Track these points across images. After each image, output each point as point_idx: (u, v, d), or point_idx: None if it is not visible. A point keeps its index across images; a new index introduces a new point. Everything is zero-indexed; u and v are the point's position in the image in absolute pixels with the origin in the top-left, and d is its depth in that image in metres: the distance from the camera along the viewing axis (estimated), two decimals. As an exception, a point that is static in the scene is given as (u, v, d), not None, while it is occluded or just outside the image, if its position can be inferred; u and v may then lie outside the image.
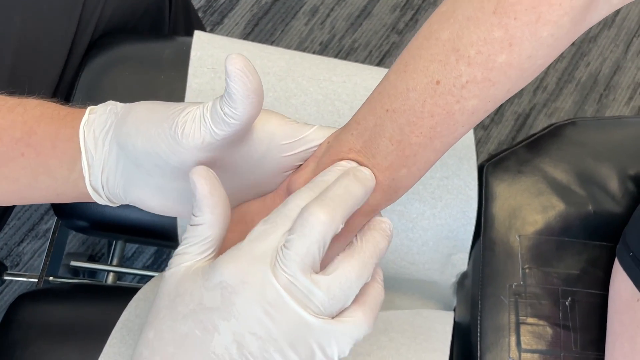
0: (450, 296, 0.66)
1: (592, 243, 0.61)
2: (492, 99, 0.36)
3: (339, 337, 0.34)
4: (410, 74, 0.36)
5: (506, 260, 0.60)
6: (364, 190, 0.37)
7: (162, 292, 0.36)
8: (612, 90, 1.41)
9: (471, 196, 0.61)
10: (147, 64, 0.66)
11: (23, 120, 0.41)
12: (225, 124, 0.35)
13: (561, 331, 0.57)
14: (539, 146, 0.65)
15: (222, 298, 0.33)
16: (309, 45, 1.44)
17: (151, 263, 1.26)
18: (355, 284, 0.34)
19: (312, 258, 0.33)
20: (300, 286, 0.33)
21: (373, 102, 0.38)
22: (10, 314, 0.58)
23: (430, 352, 0.56)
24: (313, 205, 0.34)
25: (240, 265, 0.34)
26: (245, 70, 0.34)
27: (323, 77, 0.64)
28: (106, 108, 0.41)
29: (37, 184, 0.41)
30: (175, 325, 0.34)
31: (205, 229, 0.36)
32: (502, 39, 0.34)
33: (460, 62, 0.35)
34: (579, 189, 0.62)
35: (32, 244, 1.29)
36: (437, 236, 0.61)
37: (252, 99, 0.35)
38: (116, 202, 0.43)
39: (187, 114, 0.36)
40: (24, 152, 0.40)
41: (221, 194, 0.36)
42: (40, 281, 0.73)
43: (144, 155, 0.38)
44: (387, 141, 0.37)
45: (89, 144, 0.40)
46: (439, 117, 0.36)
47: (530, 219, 0.61)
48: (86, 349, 0.55)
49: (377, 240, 0.37)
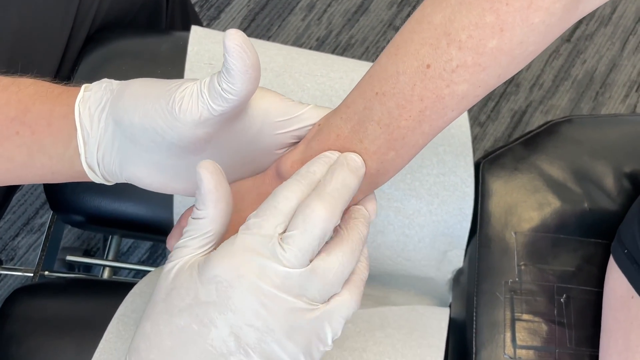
0: (445, 292, 0.66)
1: (588, 240, 0.61)
2: (482, 84, 0.36)
3: (331, 319, 0.35)
4: (401, 57, 0.36)
5: (502, 256, 0.60)
6: (358, 181, 0.37)
7: (160, 285, 0.36)
8: (608, 88, 1.41)
9: (467, 193, 0.61)
10: (144, 58, 0.66)
11: (17, 99, 0.40)
12: (222, 99, 0.35)
13: (556, 328, 0.57)
14: (535, 143, 0.65)
15: (217, 292, 0.34)
16: (305, 40, 1.44)
17: (147, 258, 1.26)
18: (346, 268, 0.35)
19: (312, 252, 0.34)
20: (297, 278, 0.34)
21: (363, 85, 0.38)
22: (6, 308, 0.58)
23: (426, 348, 0.56)
24: (314, 201, 0.35)
25: (234, 260, 0.34)
26: (243, 46, 0.34)
27: (320, 74, 0.64)
28: (101, 85, 0.41)
29: (32, 162, 0.41)
30: (172, 319, 0.35)
31: (207, 223, 0.36)
32: (493, 24, 0.34)
33: (451, 46, 0.35)
34: (575, 187, 0.63)
35: (27, 238, 1.28)
36: (433, 233, 0.61)
37: (250, 74, 0.35)
38: (111, 181, 0.42)
39: (185, 89, 0.36)
40: (19, 130, 0.40)
41: (226, 189, 0.36)
42: (35, 275, 0.73)
43: (140, 131, 0.38)
44: (375, 125, 0.37)
45: (84, 121, 0.40)
46: (429, 100, 0.36)
47: (526, 216, 0.61)
48: (82, 343, 0.55)
49: (360, 229, 0.38)
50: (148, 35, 0.70)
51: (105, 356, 0.53)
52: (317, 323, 0.34)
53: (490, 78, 0.36)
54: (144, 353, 0.35)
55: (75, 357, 0.54)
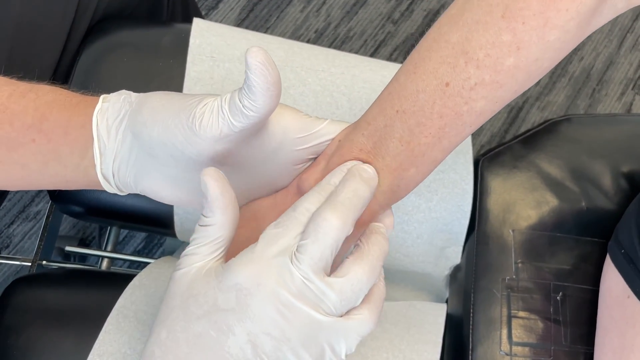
0: (442, 288, 0.67)
1: (584, 239, 0.62)
2: (499, 100, 0.37)
3: (347, 335, 0.35)
4: (420, 76, 0.37)
5: (499, 254, 0.61)
6: (370, 191, 0.38)
7: (174, 292, 0.36)
8: (605, 85, 1.42)
9: (467, 190, 0.61)
10: (145, 50, 0.66)
11: (35, 107, 0.41)
12: (243, 116, 0.36)
13: (552, 325, 0.58)
14: (534, 142, 0.65)
15: (236, 300, 0.34)
16: (304, 32, 1.44)
17: (142, 248, 1.26)
18: (365, 285, 0.36)
19: (325, 261, 0.35)
20: (313, 288, 0.34)
21: (383, 103, 0.39)
22: (5, 298, 0.58)
23: (423, 344, 0.56)
24: (325, 210, 0.35)
25: (254, 268, 0.34)
26: (265, 63, 0.34)
27: (322, 68, 0.64)
28: (120, 97, 0.41)
29: (47, 170, 0.41)
30: (189, 325, 0.35)
31: (216, 229, 0.36)
32: (510, 42, 0.35)
33: (469, 65, 0.35)
34: (573, 185, 0.63)
35: (22, 225, 1.28)
36: (431, 229, 0.62)
37: (272, 92, 0.35)
38: (125, 191, 0.43)
39: (205, 105, 0.36)
40: (35, 138, 0.40)
41: (231, 195, 0.36)
42: (33, 265, 0.73)
43: (159, 146, 0.38)
44: (397, 142, 0.38)
45: (101, 132, 0.40)
46: (448, 118, 0.37)
47: (524, 214, 0.62)
48: (81, 335, 0.55)
49: (382, 243, 0.38)
50: (149, 27, 0.69)
51: (104, 347, 0.53)
52: (333, 336, 0.35)
53: (507, 94, 0.37)
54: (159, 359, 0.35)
55: (74, 348, 0.55)
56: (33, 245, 1.28)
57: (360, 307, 0.36)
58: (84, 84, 0.65)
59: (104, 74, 0.65)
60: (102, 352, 0.53)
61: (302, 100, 0.63)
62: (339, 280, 0.34)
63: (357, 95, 0.63)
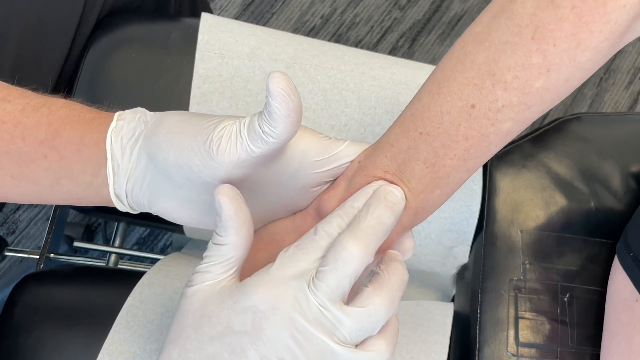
0: (449, 286, 0.67)
1: (593, 240, 0.62)
2: (526, 120, 0.36)
3: None
4: (444, 97, 0.36)
5: (507, 254, 0.61)
6: (394, 218, 0.37)
7: (186, 310, 0.36)
8: (612, 74, 1.41)
9: (475, 190, 0.61)
10: (153, 46, 0.66)
11: (48, 122, 0.40)
12: (263, 142, 0.35)
13: (559, 326, 0.58)
14: (544, 141, 0.65)
15: (252, 323, 0.34)
16: (309, 18, 1.43)
17: (147, 235, 1.27)
18: (384, 317, 0.35)
19: (343, 290, 0.34)
20: (329, 316, 0.34)
21: (406, 124, 0.38)
22: (14, 295, 0.59)
23: (431, 344, 0.57)
24: (347, 238, 0.34)
25: (270, 291, 0.34)
26: (287, 90, 0.34)
27: (331, 66, 0.64)
28: (135, 115, 0.40)
29: (58, 187, 0.41)
30: (202, 345, 0.35)
31: (230, 249, 0.36)
32: (540, 65, 0.34)
33: (497, 87, 0.35)
34: (582, 186, 0.63)
35: (28, 211, 1.29)
36: (440, 229, 0.62)
37: (293, 118, 0.34)
38: (137, 210, 0.42)
39: (223, 129, 0.36)
40: (47, 154, 0.40)
41: (246, 214, 0.36)
42: (41, 259, 0.74)
43: (175, 168, 0.37)
44: (421, 164, 0.37)
45: (115, 151, 0.39)
46: (474, 139, 0.36)
47: (533, 214, 0.62)
48: (91, 333, 0.56)
49: (402, 273, 0.37)
50: (157, 22, 0.69)
51: (114, 347, 0.54)
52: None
53: (535, 114, 0.36)
54: None
55: (85, 347, 0.55)
56: (39, 232, 1.28)
57: (377, 338, 0.35)
58: (92, 81, 0.64)
59: (112, 70, 0.64)
60: (111, 351, 0.53)
61: (311, 98, 0.63)
62: (357, 310, 0.34)
63: (366, 93, 0.63)
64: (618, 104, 1.38)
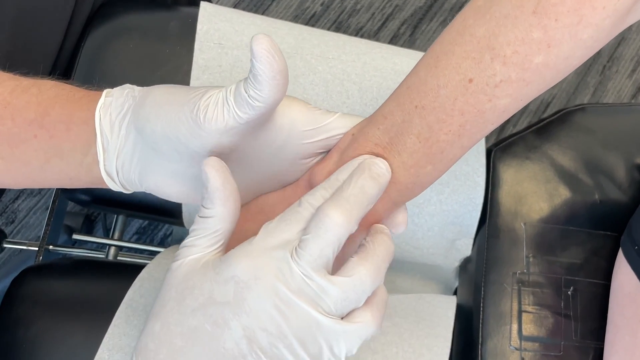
0: (452, 279, 0.67)
1: (597, 232, 0.61)
2: (524, 97, 0.35)
3: (348, 337, 0.34)
4: (442, 70, 0.35)
5: (510, 247, 0.60)
6: (378, 189, 0.36)
7: (169, 283, 0.36)
8: (616, 62, 1.40)
9: (478, 183, 0.61)
10: (152, 36, 0.65)
11: (37, 102, 0.39)
12: (249, 106, 0.35)
13: (562, 320, 0.57)
14: (548, 132, 0.64)
15: (234, 293, 0.33)
16: (310, 5, 1.41)
17: (146, 226, 1.26)
18: (369, 287, 0.35)
19: (326, 259, 0.34)
20: (313, 285, 0.33)
21: (401, 97, 0.37)
22: (13, 288, 0.58)
23: (433, 338, 0.56)
24: (328, 206, 0.34)
25: (253, 261, 0.33)
26: (271, 51, 0.33)
27: (332, 56, 0.63)
28: (123, 91, 0.40)
29: (49, 167, 0.40)
30: (184, 318, 0.34)
31: (216, 222, 0.35)
32: (540, 40, 0.33)
33: (495, 61, 0.34)
34: (586, 178, 0.62)
35: (27, 201, 1.28)
36: (442, 222, 0.61)
37: (278, 81, 0.34)
38: (130, 189, 0.42)
39: (209, 97, 0.35)
40: (37, 134, 0.39)
41: (233, 186, 0.35)
42: (40, 251, 0.73)
43: (163, 140, 0.37)
44: (414, 138, 0.37)
45: (104, 128, 0.39)
46: (470, 115, 0.35)
47: (536, 207, 0.61)
48: (91, 327, 0.55)
49: (387, 244, 0.37)
50: (155, 10, 0.68)
51: (114, 341, 0.53)
52: (333, 337, 0.34)
53: (533, 92, 0.35)
54: (152, 353, 0.35)
55: (84, 341, 0.55)
56: (38, 221, 1.28)
57: (363, 310, 0.35)
58: (90, 71, 0.63)
59: (109, 60, 0.63)
60: (111, 346, 0.53)
61: (312, 89, 0.62)
62: (342, 280, 0.34)
63: (368, 84, 0.62)
64: (621, 92, 1.37)
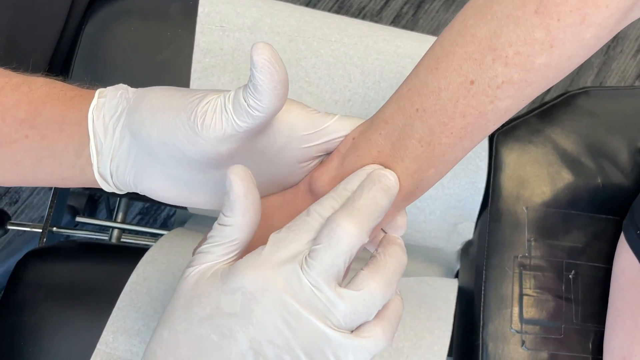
0: (454, 262, 0.67)
1: (599, 216, 0.61)
2: (526, 97, 0.35)
3: (357, 352, 0.34)
4: (443, 72, 0.35)
5: (512, 231, 0.60)
6: (388, 201, 0.36)
7: (179, 290, 0.36)
8: (620, 41, 1.38)
9: (481, 167, 0.61)
10: (153, 19, 0.64)
11: (28, 100, 0.39)
12: (248, 115, 0.34)
13: (563, 303, 0.58)
14: (551, 116, 0.64)
15: (241, 304, 0.33)
16: (312, -16, 1.40)
17: (146, 211, 1.26)
18: (379, 301, 0.34)
19: (337, 270, 0.33)
20: (322, 298, 0.33)
21: (402, 100, 0.37)
22: (17, 272, 0.59)
23: (435, 321, 0.56)
24: (341, 216, 0.33)
25: (260, 272, 0.33)
26: (272, 61, 0.32)
27: (334, 39, 0.63)
28: (117, 92, 0.39)
29: (41, 167, 0.40)
30: (191, 327, 0.34)
31: (234, 231, 0.35)
32: (543, 40, 0.33)
33: (497, 62, 0.33)
34: (589, 161, 0.62)
35: (30, 181, 1.28)
36: (444, 205, 0.61)
37: (279, 90, 0.33)
38: (124, 190, 0.41)
39: (207, 103, 0.35)
40: (29, 134, 0.38)
41: (255, 197, 0.35)
42: (44, 233, 0.73)
43: (159, 146, 0.36)
44: (416, 142, 0.36)
45: (98, 130, 0.38)
46: (471, 117, 0.35)
47: (538, 191, 0.61)
48: (94, 311, 0.56)
49: (400, 256, 0.36)
50: (156, -8, 0.67)
51: (118, 324, 0.54)
52: (341, 350, 0.33)
53: (535, 92, 0.35)
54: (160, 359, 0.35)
55: (88, 324, 0.55)
56: (42, 201, 1.28)
57: (374, 324, 0.34)
58: (90, 55, 0.63)
59: (110, 44, 0.63)
60: (115, 328, 0.54)
61: (314, 72, 0.61)
62: (351, 294, 0.33)
63: (370, 67, 0.62)
64: (625, 73, 1.36)
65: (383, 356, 0.53)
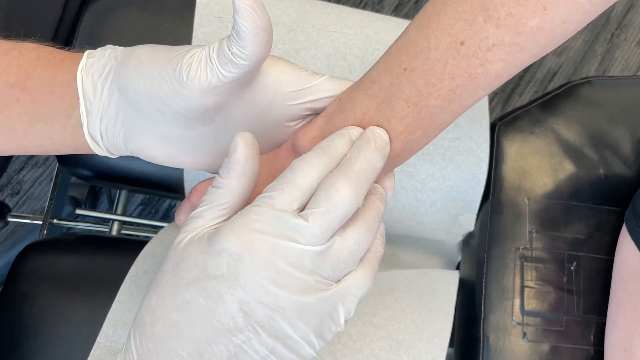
0: (455, 253, 0.67)
1: (601, 207, 0.61)
2: (517, 63, 0.34)
3: (344, 298, 0.34)
4: (433, 32, 0.34)
5: (514, 223, 0.60)
6: (383, 161, 0.36)
7: (169, 256, 0.35)
8: (624, 29, 1.37)
9: (482, 158, 0.60)
10: (151, 9, 0.64)
11: (18, 64, 0.39)
12: (233, 64, 0.34)
13: (565, 295, 0.57)
14: (553, 106, 0.63)
15: (227, 266, 0.33)
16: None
17: (147, 202, 1.26)
18: (362, 247, 0.35)
19: (332, 232, 0.33)
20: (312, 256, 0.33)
21: (390, 60, 0.36)
22: (18, 264, 0.59)
23: (436, 313, 0.56)
24: (340, 180, 0.33)
25: (246, 233, 0.33)
26: (254, 6, 0.32)
27: (334, 29, 0.62)
28: (105, 52, 0.39)
29: (33, 131, 0.40)
30: (179, 292, 0.34)
31: (226, 193, 0.35)
32: (536, 2, 0.32)
33: (489, 23, 0.33)
34: (591, 152, 0.62)
35: (32, 172, 1.28)
36: (445, 197, 0.61)
37: (262, 37, 0.33)
38: (115, 154, 0.41)
39: (192, 55, 0.35)
40: (20, 97, 0.39)
41: (254, 166, 0.35)
42: (44, 225, 0.73)
43: (146, 100, 0.36)
44: (403, 103, 0.36)
45: (87, 89, 0.38)
46: (460, 79, 0.34)
47: (540, 182, 0.61)
48: (95, 303, 0.56)
49: (377, 205, 0.36)
50: (154, -17, 0.67)
51: (118, 317, 0.54)
52: (330, 302, 0.34)
53: (527, 57, 0.34)
54: (148, 326, 0.34)
55: (88, 317, 0.55)
56: (44, 192, 1.28)
57: (354, 270, 0.35)
58: (88, 47, 0.63)
59: (108, 35, 0.63)
60: (116, 321, 0.54)
61: (314, 63, 0.61)
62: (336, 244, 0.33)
63: (370, 58, 0.61)
64: (629, 61, 1.35)
65: (384, 348, 0.53)
